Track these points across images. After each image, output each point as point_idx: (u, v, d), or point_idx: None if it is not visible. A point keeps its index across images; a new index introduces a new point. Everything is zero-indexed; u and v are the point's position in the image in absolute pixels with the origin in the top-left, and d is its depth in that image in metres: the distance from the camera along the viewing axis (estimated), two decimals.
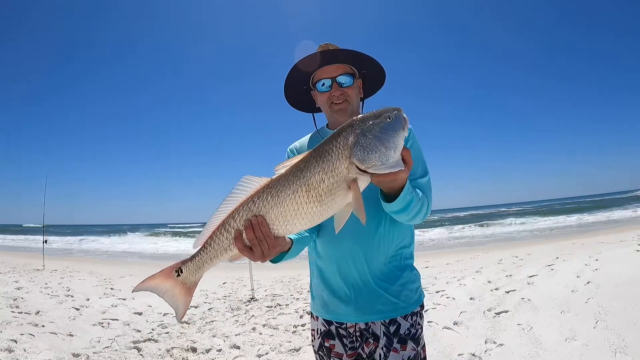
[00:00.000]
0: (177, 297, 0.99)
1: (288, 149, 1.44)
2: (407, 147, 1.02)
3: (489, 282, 4.70)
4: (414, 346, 1.23)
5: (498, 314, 3.58)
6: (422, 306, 1.31)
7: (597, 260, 4.60)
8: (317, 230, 1.32)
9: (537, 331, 3.07)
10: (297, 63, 1.32)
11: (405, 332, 1.23)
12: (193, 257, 0.98)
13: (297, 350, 3.36)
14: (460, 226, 21.76)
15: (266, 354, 3.32)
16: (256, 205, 0.93)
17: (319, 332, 1.35)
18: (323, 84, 1.30)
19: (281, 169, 0.95)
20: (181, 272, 0.97)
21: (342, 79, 1.29)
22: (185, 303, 0.99)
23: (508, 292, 4.08)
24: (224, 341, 3.66)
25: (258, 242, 0.94)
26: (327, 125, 1.45)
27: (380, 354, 1.23)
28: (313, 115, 1.49)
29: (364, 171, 0.90)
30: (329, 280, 1.30)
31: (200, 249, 0.97)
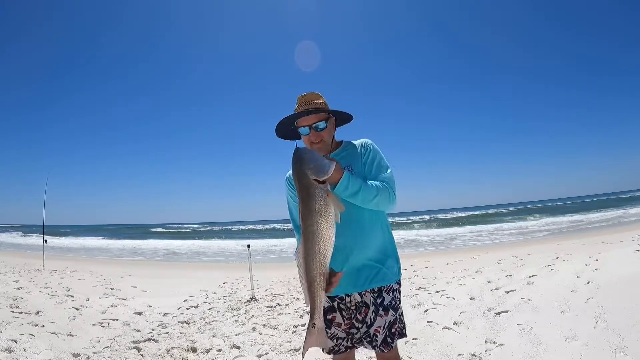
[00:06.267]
0: (321, 336, 1.51)
1: (287, 175, 1.83)
2: (364, 159, 1.70)
3: (489, 282, 4.70)
4: (394, 313, 1.69)
5: (498, 314, 3.57)
6: (399, 283, 1.76)
7: (597, 260, 4.60)
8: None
9: (537, 331, 3.07)
10: (288, 116, 1.72)
11: (387, 303, 1.68)
12: (313, 313, 1.47)
13: (297, 350, 3.36)
14: (460, 226, 21.78)
15: (266, 354, 3.32)
16: (322, 254, 1.42)
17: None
18: (304, 129, 1.71)
19: (302, 226, 1.44)
20: (314, 324, 1.47)
21: (317, 125, 1.69)
22: (325, 336, 1.52)
23: (508, 292, 4.08)
24: (224, 341, 3.66)
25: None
26: None
27: (370, 318, 1.70)
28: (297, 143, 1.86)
29: (323, 182, 1.42)
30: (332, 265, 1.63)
31: (312, 304, 1.47)
